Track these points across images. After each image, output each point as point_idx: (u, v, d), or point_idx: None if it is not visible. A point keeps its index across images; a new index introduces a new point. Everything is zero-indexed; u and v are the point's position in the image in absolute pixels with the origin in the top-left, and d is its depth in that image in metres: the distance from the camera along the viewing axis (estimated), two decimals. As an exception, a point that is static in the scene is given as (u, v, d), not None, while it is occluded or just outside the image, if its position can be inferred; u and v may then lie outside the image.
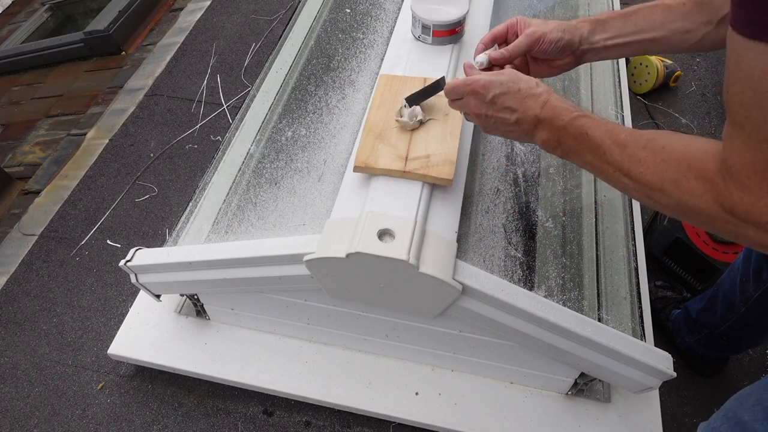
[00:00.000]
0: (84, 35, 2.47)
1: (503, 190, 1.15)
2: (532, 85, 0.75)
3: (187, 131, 2.03)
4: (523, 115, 0.74)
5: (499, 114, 0.77)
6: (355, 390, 1.25)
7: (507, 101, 0.75)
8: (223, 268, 1.08)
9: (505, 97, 0.75)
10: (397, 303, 1.00)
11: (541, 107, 0.73)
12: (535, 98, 0.74)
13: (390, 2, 1.53)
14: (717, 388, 1.35)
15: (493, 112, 0.77)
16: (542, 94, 0.74)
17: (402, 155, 0.98)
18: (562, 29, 0.85)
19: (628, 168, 0.64)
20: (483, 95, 0.77)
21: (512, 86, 0.75)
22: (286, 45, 1.51)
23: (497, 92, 0.76)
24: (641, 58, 1.98)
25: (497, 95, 0.76)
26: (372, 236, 0.89)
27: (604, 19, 0.86)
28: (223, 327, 1.35)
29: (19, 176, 2.05)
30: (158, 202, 1.82)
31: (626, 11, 0.85)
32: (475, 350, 1.16)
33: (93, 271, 1.65)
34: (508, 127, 0.77)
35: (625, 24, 0.85)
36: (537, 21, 0.87)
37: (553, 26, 0.85)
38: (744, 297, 1.08)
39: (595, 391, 1.22)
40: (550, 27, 0.85)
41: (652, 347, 1.00)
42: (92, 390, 1.40)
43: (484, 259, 1.02)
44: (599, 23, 0.86)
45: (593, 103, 1.42)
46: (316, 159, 1.21)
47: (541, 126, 0.74)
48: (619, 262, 1.15)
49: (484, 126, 0.80)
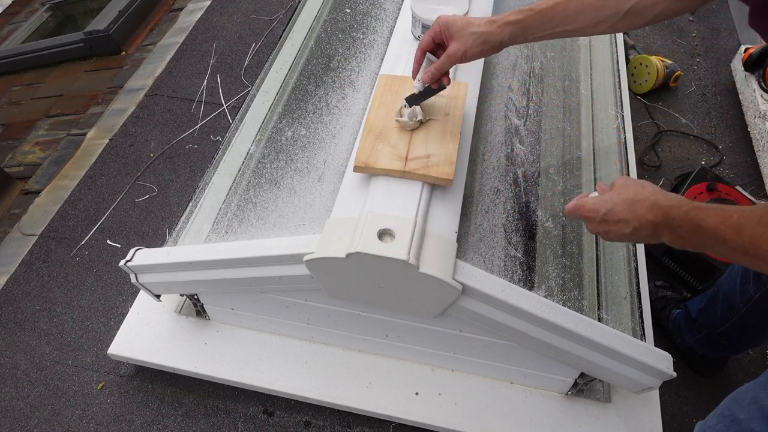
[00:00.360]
0: (84, 35, 2.47)
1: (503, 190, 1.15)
2: (638, 189, 0.76)
3: (187, 131, 2.03)
4: (639, 224, 0.74)
5: (615, 227, 0.77)
6: (355, 390, 1.25)
7: (618, 215, 0.76)
8: (223, 268, 1.08)
9: (613, 212, 0.77)
10: (397, 303, 1.00)
11: (650, 211, 0.73)
12: (642, 203, 0.74)
13: (390, 2, 1.53)
14: (717, 388, 1.35)
15: (609, 228, 0.78)
16: (648, 198, 0.74)
17: (402, 155, 0.98)
18: (482, 41, 0.88)
19: (753, 250, 0.64)
20: (593, 218, 0.79)
21: (617, 200, 0.77)
22: (286, 45, 1.51)
23: (605, 210, 0.78)
24: (641, 58, 1.98)
25: (606, 213, 0.77)
26: (372, 236, 0.89)
27: (522, 20, 0.88)
28: (223, 327, 1.35)
29: (19, 176, 2.05)
30: (158, 202, 1.82)
31: (543, 7, 0.88)
32: (475, 350, 1.16)
33: (93, 271, 1.65)
34: (630, 236, 0.77)
35: (543, 22, 0.89)
36: (459, 23, 0.88)
37: (471, 40, 0.87)
38: (744, 298, 1.08)
39: (595, 391, 1.22)
40: (469, 42, 0.88)
41: (652, 347, 1.00)
42: (92, 390, 1.40)
43: (484, 259, 1.02)
44: (518, 25, 0.89)
45: (593, 103, 1.42)
46: (316, 159, 1.21)
47: (660, 230, 0.74)
48: (619, 262, 1.15)
49: (607, 239, 0.81)
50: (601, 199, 0.78)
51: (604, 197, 0.79)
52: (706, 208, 0.68)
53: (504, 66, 1.37)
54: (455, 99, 1.07)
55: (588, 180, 1.28)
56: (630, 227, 0.75)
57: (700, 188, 1.51)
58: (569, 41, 1.55)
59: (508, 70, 1.36)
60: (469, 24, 0.88)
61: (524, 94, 1.35)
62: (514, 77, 1.36)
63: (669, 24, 2.30)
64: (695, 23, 2.31)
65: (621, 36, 1.64)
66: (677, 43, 2.22)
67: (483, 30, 0.87)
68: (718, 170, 1.80)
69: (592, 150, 1.32)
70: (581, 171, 1.29)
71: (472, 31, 0.87)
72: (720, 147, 1.86)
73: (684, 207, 0.70)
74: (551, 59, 1.47)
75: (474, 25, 0.88)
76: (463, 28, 0.88)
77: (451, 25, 0.88)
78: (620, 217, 0.76)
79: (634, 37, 2.22)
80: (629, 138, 1.41)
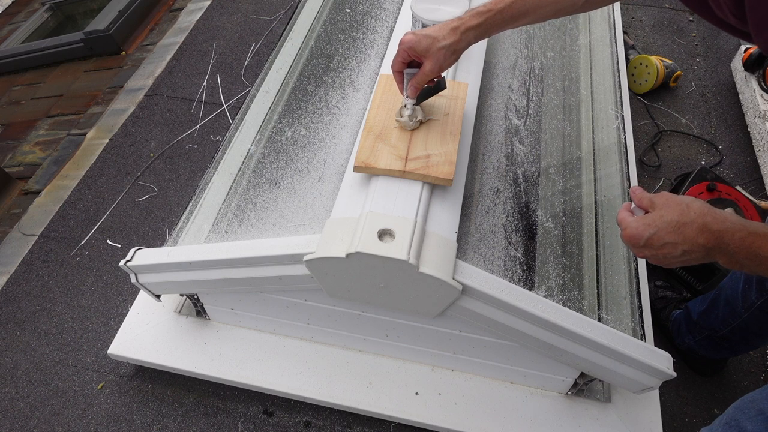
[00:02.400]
0: (84, 35, 2.47)
1: (503, 190, 1.15)
2: (683, 210, 0.71)
3: (187, 131, 2.03)
4: (690, 247, 0.70)
5: (662, 251, 0.73)
6: (355, 390, 1.25)
7: (663, 238, 0.72)
8: (223, 268, 1.08)
9: (657, 236, 0.72)
10: (397, 303, 1.00)
11: (700, 234, 0.69)
12: (690, 226, 0.70)
13: (390, 2, 1.53)
14: (717, 388, 1.35)
15: (654, 252, 0.74)
16: (696, 220, 0.70)
17: (402, 155, 0.98)
18: (452, 51, 0.90)
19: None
20: (636, 244, 0.74)
21: (660, 223, 0.72)
22: (286, 45, 1.51)
23: (648, 235, 0.73)
24: (641, 58, 1.98)
25: (649, 238, 0.73)
26: (372, 236, 0.89)
27: (483, 22, 0.90)
28: (223, 327, 1.35)
29: (19, 176, 2.05)
30: (158, 202, 1.82)
31: (501, 6, 0.90)
32: (475, 350, 1.16)
33: (93, 271, 1.65)
34: (680, 258, 0.72)
35: (504, 20, 0.91)
36: (423, 47, 0.89)
37: (442, 55, 0.89)
38: (746, 304, 1.08)
39: (595, 391, 1.22)
40: (440, 57, 0.89)
41: (652, 347, 1.00)
42: (92, 390, 1.40)
43: (484, 259, 1.02)
44: (480, 29, 0.91)
45: (593, 103, 1.42)
46: (316, 159, 1.21)
47: (714, 254, 0.70)
48: (619, 262, 1.15)
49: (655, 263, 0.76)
50: (644, 223, 0.73)
51: (647, 220, 0.73)
52: (764, 235, 0.65)
53: (504, 66, 1.37)
54: (455, 99, 1.07)
55: (588, 180, 1.28)
56: (679, 250, 0.71)
57: (700, 188, 1.51)
58: (569, 41, 1.55)
59: (508, 70, 1.36)
60: (434, 40, 0.88)
61: (524, 94, 1.35)
62: (514, 77, 1.36)
63: (669, 24, 2.30)
64: (695, 23, 2.31)
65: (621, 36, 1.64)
66: (677, 43, 2.22)
67: (449, 42, 0.89)
68: (718, 170, 1.80)
69: (592, 150, 1.32)
70: (581, 171, 1.29)
71: (439, 46, 0.88)
72: (720, 147, 1.86)
73: (738, 233, 0.67)
74: (551, 59, 1.47)
75: (439, 40, 0.89)
76: (430, 46, 0.89)
77: (416, 46, 0.89)
78: (666, 241, 0.71)
79: (634, 37, 2.22)
80: (629, 138, 1.41)
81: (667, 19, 2.32)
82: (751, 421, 0.74)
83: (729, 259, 0.70)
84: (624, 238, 0.76)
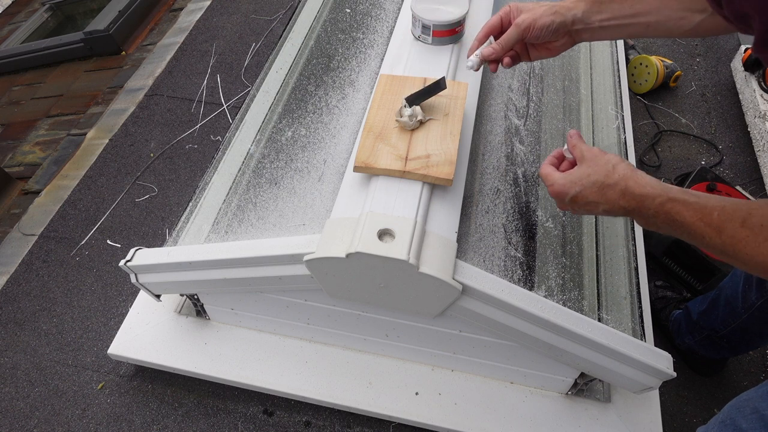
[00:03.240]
0: (84, 35, 2.47)
1: (503, 190, 1.15)
2: (608, 171, 0.73)
3: (187, 131, 2.03)
4: (611, 207, 0.73)
5: (585, 208, 0.76)
6: (355, 390, 1.25)
7: (587, 197, 0.74)
8: (223, 268, 1.08)
9: (582, 195, 0.75)
10: (397, 303, 1.00)
11: (622, 197, 0.71)
12: (613, 188, 0.72)
13: (390, 2, 1.53)
14: (717, 388, 1.35)
15: (578, 208, 0.77)
16: (618, 182, 0.72)
17: (402, 155, 0.98)
18: (553, 11, 0.84)
19: (733, 252, 0.62)
20: (561, 199, 0.77)
21: (586, 182, 0.74)
22: (286, 45, 1.51)
23: (573, 193, 0.75)
24: (641, 58, 1.98)
25: (574, 196, 0.75)
26: (372, 236, 0.89)
27: (601, 0, 0.85)
28: (223, 327, 1.35)
29: (19, 176, 2.05)
30: (158, 202, 1.82)
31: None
32: (475, 350, 1.16)
33: (93, 271, 1.65)
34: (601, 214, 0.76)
35: (622, 6, 0.84)
36: (530, 5, 0.86)
37: (542, 10, 0.84)
38: (746, 304, 1.08)
39: (595, 391, 1.22)
40: (539, 12, 0.84)
41: (652, 347, 1.00)
42: (92, 390, 1.40)
43: (484, 259, 1.02)
44: (596, 3, 0.85)
45: (593, 103, 1.42)
46: (316, 159, 1.21)
47: (633, 215, 0.72)
48: (619, 262, 1.15)
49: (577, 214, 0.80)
50: (570, 181, 0.75)
51: (573, 178, 0.75)
52: (683, 202, 0.66)
53: (504, 66, 1.37)
54: (455, 99, 1.07)
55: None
56: (600, 209, 0.74)
57: (700, 188, 1.51)
58: (569, 41, 1.55)
59: (508, 70, 1.36)
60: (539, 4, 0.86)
61: (524, 94, 1.35)
62: (514, 77, 1.36)
63: (669, 24, 2.30)
64: (695, 23, 2.30)
65: (621, 36, 1.64)
66: (677, 43, 2.22)
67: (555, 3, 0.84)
68: (718, 170, 1.80)
69: (592, 150, 1.32)
70: (581, 171, 1.29)
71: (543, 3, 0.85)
72: (720, 147, 1.86)
73: (658, 198, 0.68)
74: (551, 59, 1.47)
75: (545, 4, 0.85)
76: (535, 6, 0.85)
77: (521, 5, 0.86)
78: (589, 200, 0.74)
79: (634, 37, 2.22)
80: (629, 138, 1.41)
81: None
82: (746, 420, 0.75)
83: (647, 221, 0.71)
84: (550, 194, 0.79)
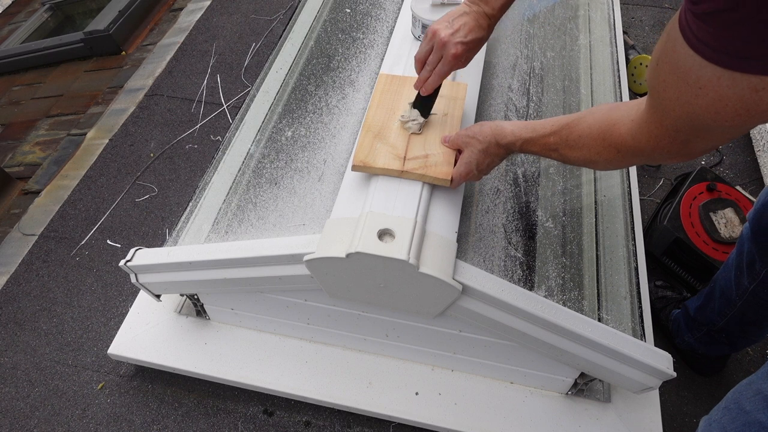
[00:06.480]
0: (84, 35, 2.47)
1: (503, 190, 1.15)
2: (480, 138, 0.93)
3: (187, 131, 2.03)
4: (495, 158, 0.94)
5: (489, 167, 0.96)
6: (355, 390, 1.25)
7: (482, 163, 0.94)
8: (223, 268, 1.08)
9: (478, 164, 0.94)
10: (397, 303, 1.00)
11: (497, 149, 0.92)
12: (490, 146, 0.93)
13: (390, 2, 1.53)
14: (717, 388, 1.35)
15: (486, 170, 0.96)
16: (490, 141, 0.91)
17: (400, 155, 0.98)
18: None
19: (563, 160, 0.86)
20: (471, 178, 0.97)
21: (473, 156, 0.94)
22: (286, 45, 1.51)
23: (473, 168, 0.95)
24: (641, 57, 1.98)
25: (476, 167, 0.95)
26: (372, 236, 0.89)
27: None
28: (223, 327, 1.35)
29: (19, 176, 2.05)
30: (158, 202, 1.82)
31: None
32: (475, 350, 1.16)
33: (93, 271, 1.65)
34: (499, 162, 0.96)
35: None
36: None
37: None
38: (740, 291, 1.09)
39: (595, 391, 1.22)
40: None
41: (652, 347, 1.00)
42: (92, 390, 1.40)
43: (484, 259, 1.02)
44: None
45: (593, 103, 1.42)
46: (316, 159, 1.21)
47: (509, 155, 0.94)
48: (619, 262, 1.15)
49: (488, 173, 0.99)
50: (465, 163, 0.94)
51: (465, 160, 0.94)
52: (530, 140, 0.87)
53: (504, 66, 1.37)
54: (455, 99, 1.07)
55: (588, 180, 1.28)
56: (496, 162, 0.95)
57: (700, 188, 1.51)
58: (569, 41, 1.55)
59: (508, 70, 1.36)
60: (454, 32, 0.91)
61: (524, 94, 1.35)
62: (514, 77, 1.36)
63: (669, 24, 2.30)
64: (695, 23, 2.30)
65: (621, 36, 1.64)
66: (677, 43, 2.22)
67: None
68: (718, 170, 1.80)
69: (592, 150, 1.31)
70: (581, 171, 1.29)
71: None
72: (720, 147, 1.86)
73: (518, 142, 0.88)
74: (551, 59, 1.47)
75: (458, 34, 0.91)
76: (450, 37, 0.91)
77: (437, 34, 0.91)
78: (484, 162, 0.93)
79: (634, 37, 2.22)
80: (629, 138, 1.41)
81: (667, 19, 2.32)
82: (750, 401, 0.75)
83: (516, 153, 0.95)
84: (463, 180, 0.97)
